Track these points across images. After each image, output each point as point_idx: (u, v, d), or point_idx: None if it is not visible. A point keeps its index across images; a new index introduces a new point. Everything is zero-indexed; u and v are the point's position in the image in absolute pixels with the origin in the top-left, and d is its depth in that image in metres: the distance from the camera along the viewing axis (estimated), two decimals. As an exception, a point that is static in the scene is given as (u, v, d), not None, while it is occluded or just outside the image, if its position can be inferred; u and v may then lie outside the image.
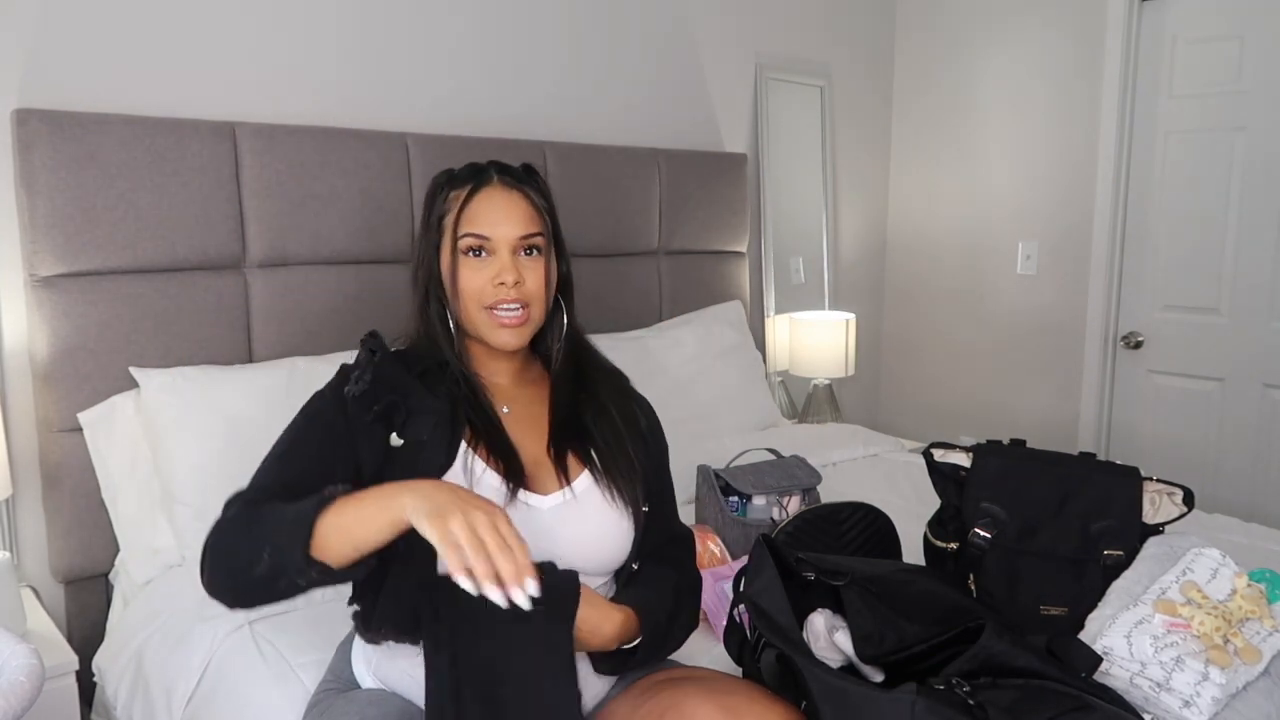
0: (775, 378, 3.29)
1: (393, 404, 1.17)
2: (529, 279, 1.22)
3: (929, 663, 1.19)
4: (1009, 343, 3.40)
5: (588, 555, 1.21)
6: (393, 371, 1.20)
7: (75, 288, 1.85)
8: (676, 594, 1.26)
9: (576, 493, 1.22)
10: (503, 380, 1.30)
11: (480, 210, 1.22)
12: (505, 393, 1.29)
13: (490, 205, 1.22)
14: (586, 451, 1.26)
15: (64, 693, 1.66)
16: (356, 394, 1.17)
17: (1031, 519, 1.51)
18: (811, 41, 3.37)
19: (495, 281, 1.20)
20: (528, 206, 1.23)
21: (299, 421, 1.20)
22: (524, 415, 1.28)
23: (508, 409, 1.27)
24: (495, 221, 1.21)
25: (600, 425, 1.28)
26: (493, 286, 1.20)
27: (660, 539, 1.32)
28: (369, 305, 2.21)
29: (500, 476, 1.19)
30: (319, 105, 2.25)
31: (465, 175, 1.26)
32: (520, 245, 1.22)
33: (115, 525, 1.87)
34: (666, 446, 1.39)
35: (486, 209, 1.22)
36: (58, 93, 1.90)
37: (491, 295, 1.21)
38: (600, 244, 2.67)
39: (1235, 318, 2.88)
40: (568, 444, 1.26)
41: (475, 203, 1.22)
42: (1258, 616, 1.34)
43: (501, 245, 1.21)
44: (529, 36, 2.62)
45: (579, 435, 1.27)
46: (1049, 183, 3.24)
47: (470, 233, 1.21)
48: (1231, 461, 2.92)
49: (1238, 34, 2.79)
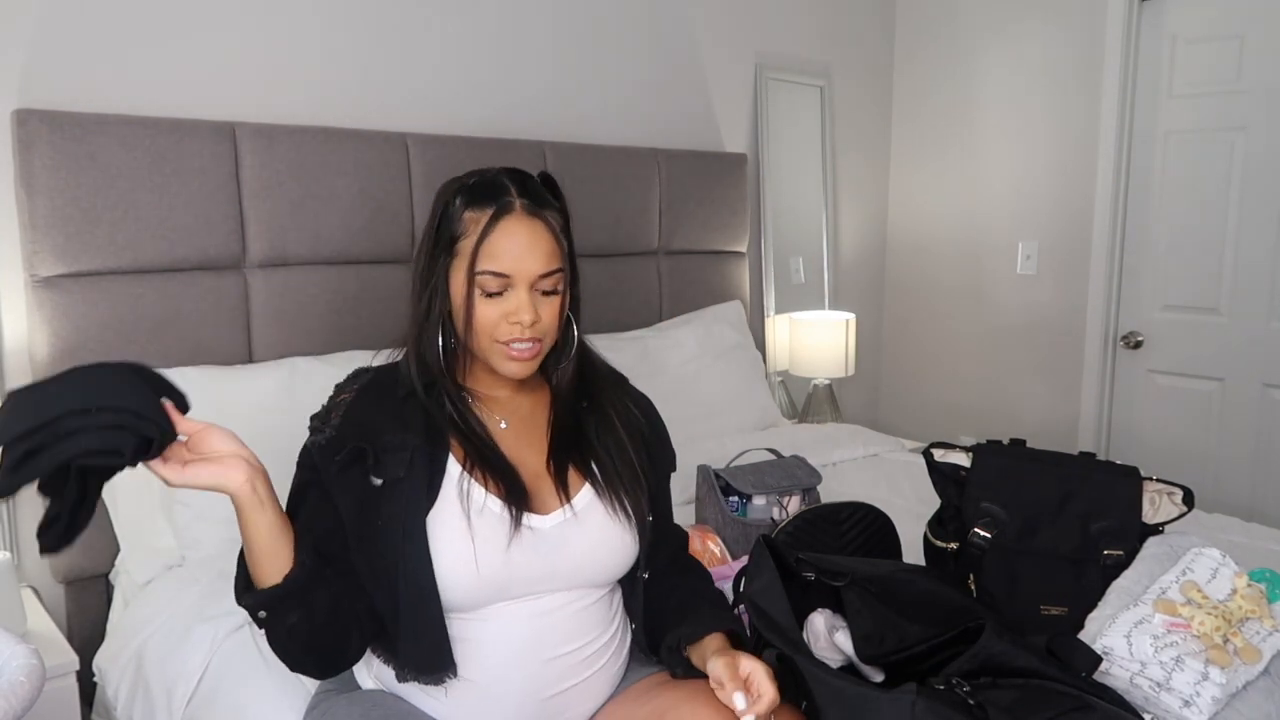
0: (775, 378, 3.29)
1: (358, 451, 1.13)
2: (545, 316, 1.17)
3: (929, 663, 1.19)
4: (1009, 343, 3.40)
5: (591, 570, 1.20)
6: (362, 412, 1.17)
7: (75, 288, 1.85)
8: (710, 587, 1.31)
9: (578, 509, 1.20)
10: (501, 393, 1.26)
11: (501, 245, 1.14)
12: (504, 405, 1.26)
13: (513, 240, 1.14)
14: (588, 463, 1.23)
15: (64, 693, 1.66)
16: (320, 444, 1.16)
17: (1031, 519, 1.52)
18: (811, 41, 3.37)
19: (511, 319, 1.15)
20: (549, 239, 1.17)
21: (295, 480, 1.19)
22: (523, 429, 1.25)
23: (505, 423, 1.24)
24: (517, 257, 1.14)
25: (602, 435, 1.25)
26: (508, 324, 1.15)
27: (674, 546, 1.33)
28: (369, 305, 2.21)
29: (501, 501, 1.16)
30: (319, 105, 2.25)
31: (484, 194, 1.17)
32: (539, 282, 1.16)
33: (115, 525, 1.87)
34: (673, 452, 1.37)
35: (509, 243, 1.14)
36: (58, 93, 1.90)
37: (506, 332, 1.15)
38: (600, 244, 2.67)
39: (1235, 318, 2.88)
40: (568, 457, 1.23)
41: (496, 234, 1.14)
42: (1258, 616, 1.34)
43: (520, 283, 1.15)
44: (529, 37, 2.62)
45: (580, 447, 1.24)
46: (1049, 183, 3.24)
47: (490, 271, 1.14)
48: (1231, 461, 2.92)
49: (1238, 34, 2.79)
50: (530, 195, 1.18)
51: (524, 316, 1.14)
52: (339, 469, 1.14)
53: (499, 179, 1.19)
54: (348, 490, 1.14)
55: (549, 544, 1.16)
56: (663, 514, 1.33)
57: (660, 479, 1.34)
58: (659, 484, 1.33)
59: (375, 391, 1.21)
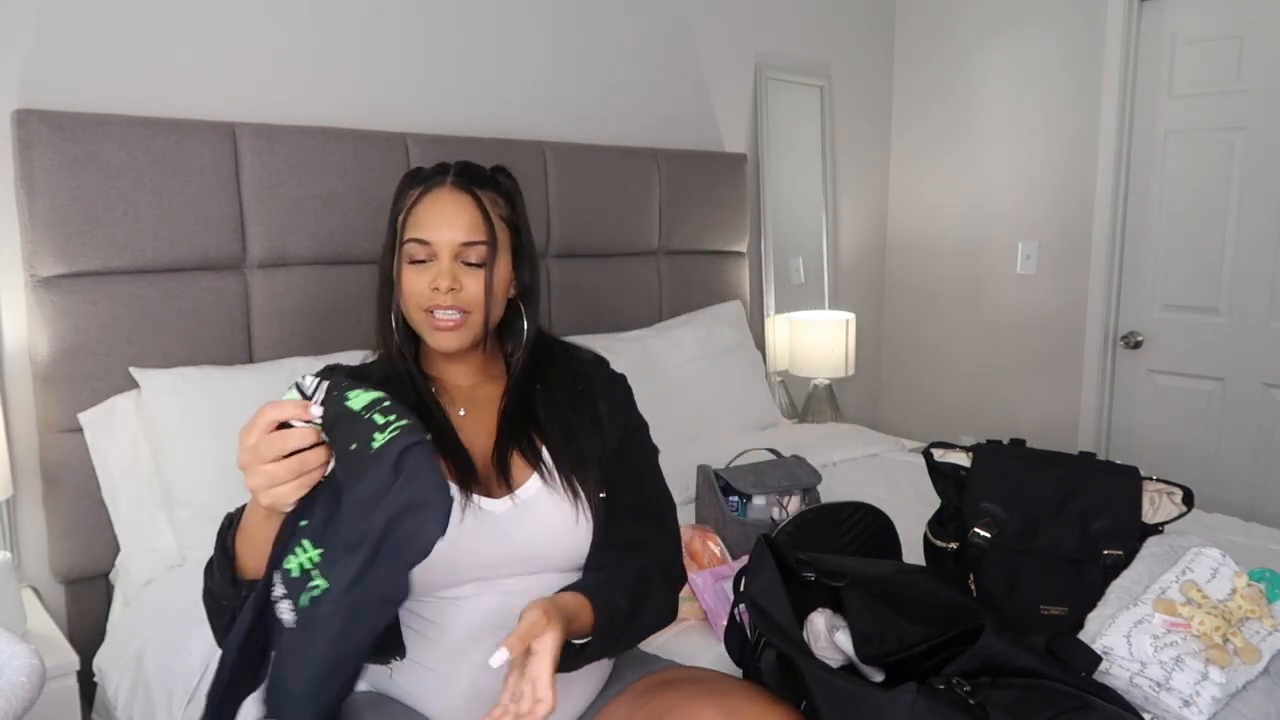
0: (775, 378, 3.29)
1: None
2: (469, 285, 1.19)
3: (929, 663, 1.19)
4: (1009, 343, 3.40)
5: (544, 554, 1.19)
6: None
7: (75, 288, 1.85)
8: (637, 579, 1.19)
9: (525, 495, 1.20)
10: (462, 382, 1.29)
11: (425, 214, 1.20)
12: (464, 394, 1.28)
13: (436, 209, 1.20)
14: (536, 450, 1.24)
15: (65, 693, 1.66)
16: None
17: (1031, 519, 1.52)
18: (811, 41, 3.37)
19: (432, 286, 1.19)
20: (474, 212, 1.20)
21: None
22: (481, 417, 1.27)
23: (464, 411, 1.26)
24: (437, 226, 1.19)
25: (549, 417, 1.25)
26: (429, 291, 1.19)
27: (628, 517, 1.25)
28: (369, 305, 2.18)
29: (453, 483, 1.16)
30: (319, 105, 2.25)
31: (425, 175, 1.25)
32: (461, 252, 1.20)
33: (115, 525, 1.87)
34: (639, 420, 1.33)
35: (432, 213, 1.20)
36: (58, 93, 1.90)
37: (428, 300, 1.20)
38: (600, 244, 2.67)
39: (1235, 317, 2.88)
40: (514, 445, 1.24)
41: (422, 205, 1.21)
42: (1258, 616, 1.34)
43: (443, 250, 1.19)
44: (528, 36, 2.62)
45: (528, 434, 1.25)
46: (1049, 182, 3.24)
47: (413, 237, 1.20)
48: (1231, 461, 2.92)
49: (1238, 34, 2.79)
50: (467, 175, 1.24)
51: (442, 283, 1.18)
52: None
53: (446, 164, 1.25)
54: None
55: (501, 527, 1.17)
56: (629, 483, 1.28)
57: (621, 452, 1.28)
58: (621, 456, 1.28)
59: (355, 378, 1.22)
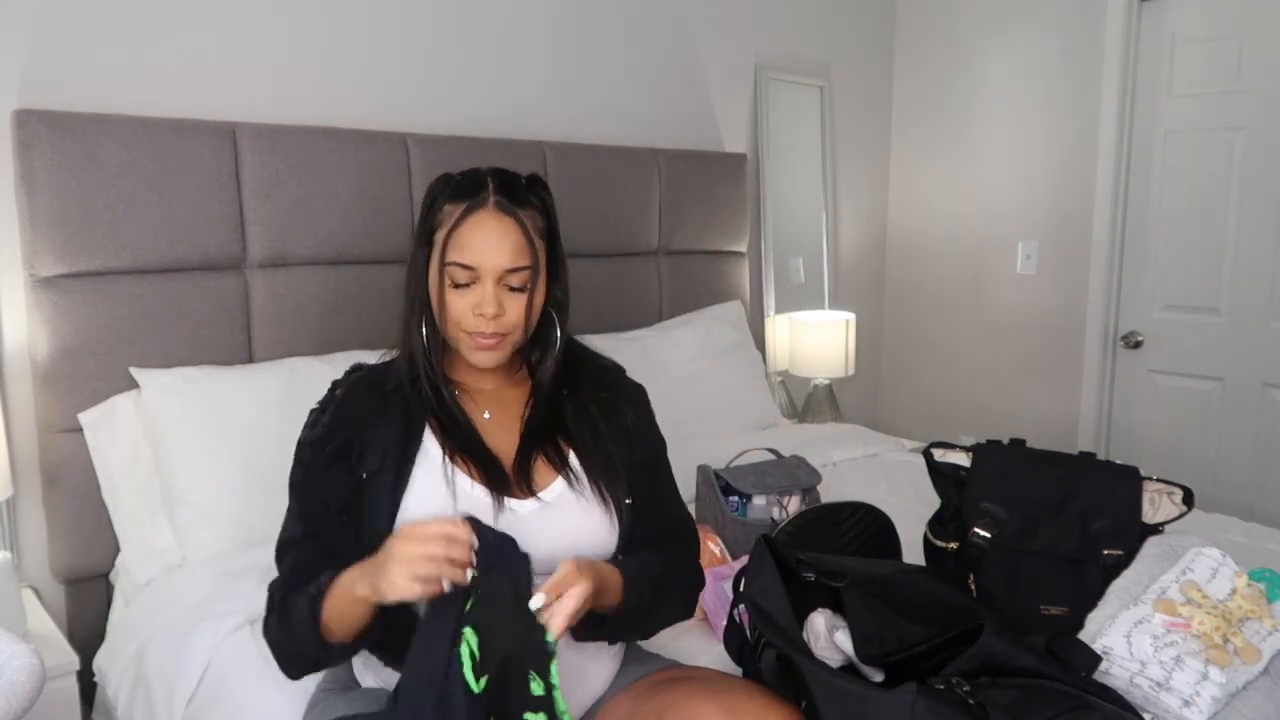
0: (775, 378, 3.29)
1: (346, 443, 1.19)
2: (511, 310, 1.20)
3: (929, 663, 1.19)
4: (1009, 343, 3.40)
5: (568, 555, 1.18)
6: (353, 408, 1.22)
7: (75, 288, 1.85)
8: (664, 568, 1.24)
9: (548, 499, 1.22)
10: (487, 385, 1.29)
11: (469, 238, 1.18)
12: (489, 397, 1.28)
13: (481, 233, 1.18)
14: (562, 453, 1.25)
15: (65, 693, 1.66)
16: (312, 440, 1.21)
17: (1031, 519, 1.52)
18: (811, 41, 3.37)
19: (476, 312, 1.18)
20: (519, 237, 1.19)
21: (294, 472, 1.23)
22: (506, 419, 1.27)
23: (489, 414, 1.27)
24: (484, 251, 1.17)
25: (578, 424, 1.27)
26: (473, 315, 1.19)
27: (652, 531, 1.28)
28: (369, 305, 2.21)
29: (484, 486, 1.19)
30: (319, 105, 2.25)
31: (463, 189, 1.21)
32: (505, 277, 1.19)
33: (115, 525, 1.87)
34: (661, 439, 1.37)
35: (477, 237, 1.17)
36: (58, 93, 1.90)
37: (471, 323, 1.19)
38: (600, 244, 2.67)
39: (1235, 317, 2.88)
40: (539, 448, 1.25)
41: (466, 228, 1.18)
42: (1258, 616, 1.34)
43: (486, 276, 1.18)
44: (529, 36, 2.62)
45: (554, 438, 1.26)
46: (1049, 182, 3.24)
47: (456, 261, 1.18)
48: (1231, 461, 2.92)
49: (1237, 34, 2.79)
50: (507, 192, 1.21)
51: (487, 309, 1.18)
52: (327, 463, 1.19)
53: (482, 176, 1.22)
54: (337, 485, 1.18)
55: (528, 528, 1.18)
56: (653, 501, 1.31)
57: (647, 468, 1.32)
58: (647, 472, 1.31)
59: (365, 386, 1.25)
